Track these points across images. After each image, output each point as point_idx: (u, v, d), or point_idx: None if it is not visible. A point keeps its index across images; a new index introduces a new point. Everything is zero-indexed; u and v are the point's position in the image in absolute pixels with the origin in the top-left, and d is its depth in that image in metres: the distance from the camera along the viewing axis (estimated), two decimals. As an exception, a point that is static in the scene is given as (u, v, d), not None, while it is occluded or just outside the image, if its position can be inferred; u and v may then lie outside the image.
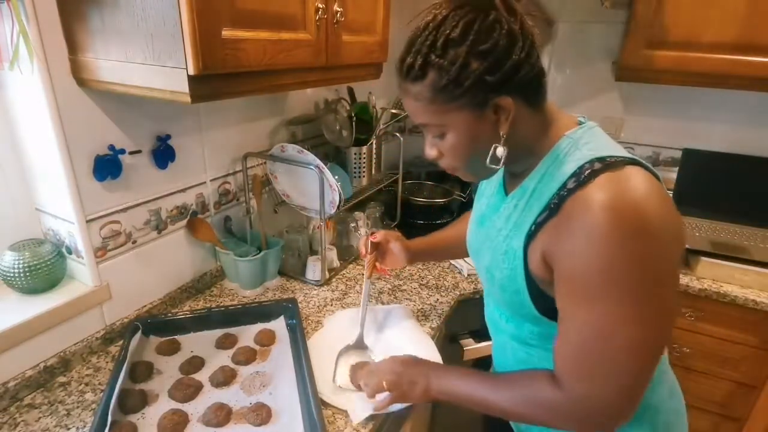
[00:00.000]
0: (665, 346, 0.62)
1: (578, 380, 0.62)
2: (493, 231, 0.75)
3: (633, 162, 0.60)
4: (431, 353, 1.02)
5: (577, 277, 0.59)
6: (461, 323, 1.31)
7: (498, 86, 0.59)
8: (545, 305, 0.67)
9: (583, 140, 0.65)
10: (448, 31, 0.58)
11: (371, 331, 1.08)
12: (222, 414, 0.83)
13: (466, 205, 1.70)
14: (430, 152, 0.70)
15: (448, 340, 1.32)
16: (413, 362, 0.82)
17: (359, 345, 0.98)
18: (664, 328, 0.60)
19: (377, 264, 1.03)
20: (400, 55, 0.64)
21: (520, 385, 0.70)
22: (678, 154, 1.72)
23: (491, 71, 0.58)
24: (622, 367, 0.59)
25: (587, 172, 0.59)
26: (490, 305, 0.85)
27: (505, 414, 0.71)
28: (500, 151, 0.63)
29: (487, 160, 0.64)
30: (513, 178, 0.74)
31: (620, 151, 0.62)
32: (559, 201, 0.61)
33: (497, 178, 0.80)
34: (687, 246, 1.46)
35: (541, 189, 0.66)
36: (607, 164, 0.59)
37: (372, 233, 1.02)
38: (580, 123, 0.69)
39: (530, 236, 0.65)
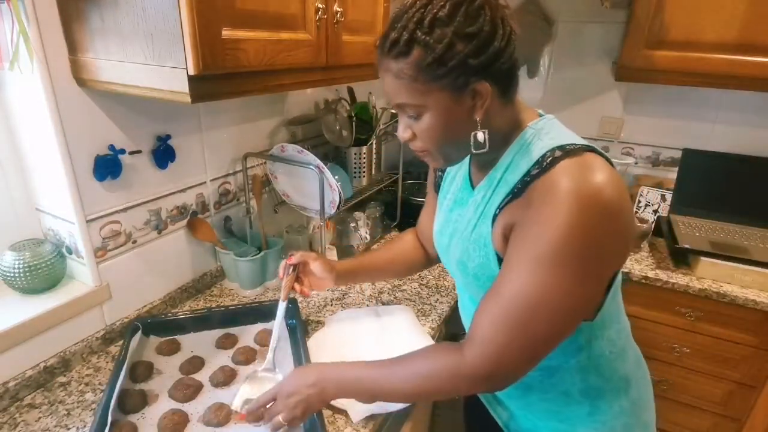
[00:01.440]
0: (577, 324, 0.66)
1: (492, 339, 0.63)
2: (461, 224, 0.77)
3: (590, 149, 0.63)
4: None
5: (530, 240, 0.61)
6: (461, 323, 1.31)
7: (478, 71, 0.60)
8: None
9: (544, 131, 0.68)
10: (435, 10, 0.59)
11: (372, 331, 1.08)
12: (222, 414, 0.83)
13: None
14: (404, 134, 0.70)
15: (448, 340, 1.32)
16: (300, 377, 0.79)
17: (268, 368, 0.92)
18: (589, 304, 0.65)
19: (296, 286, 0.97)
20: (384, 32, 0.64)
21: (420, 358, 0.71)
22: (678, 154, 1.72)
23: (475, 54, 0.59)
24: (539, 332, 0.62)
25: (549, 159, 0.62)
26: (465, 300, 0.86)
27: (405, 392, 0.72)
28: (481, 135, 0.65)
29: (472, 146, 0.66)
30: (479, 170, 0.76)
31: (578, 140, 0.66)
32: (523, 186, 0.64)
33: (462, 175, 0.81)
34: (687, 246, 1.46)
35: (506, 178, 0.69)
36: (567, 151, 0.62)
37: (290, 256, 0.98)
38: (540, 116, 0.72)
39: (494, 219, 0.68)
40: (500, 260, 0.69)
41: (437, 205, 0.89)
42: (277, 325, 0.93)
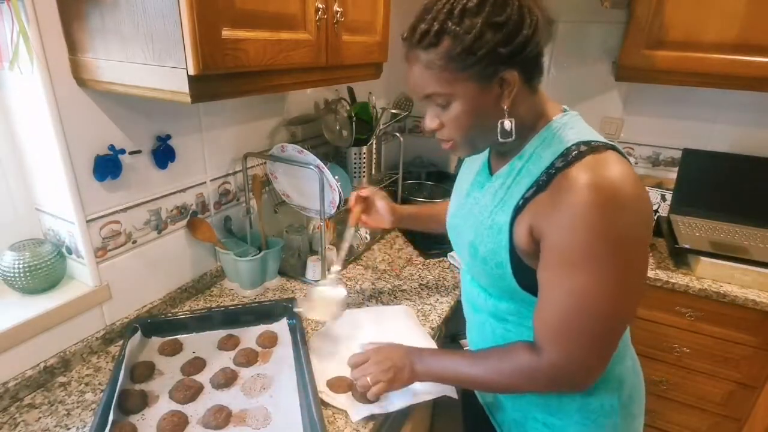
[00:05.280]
0: (634, 314, 0.69)
1: (557, 343, 0.67)
2: (476, 208, 0.79)
3: (612, 147, 0.66)
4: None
5: (563, 247, 0.63)
6: (461, 323, 1.30)
7: (507, 59, 0.62)
8: (525, 278, 0.71)
9: (568, 125, 0.70)
10: (465, 1, 0.61)
11: (372, 332, 1.08)
12: (221, 416, 0.82)
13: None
14: (431, 123, 0.72)
15: (448, 340, 1.32)
16: (396, 349, 0.86)
17: (334, 281, 1.03)
18: (635, 297, 0.67)
19: (363, 217, 1.08)
20: (412, 23, 0.66)
21: (499, 357, 0.75)
22: (678, 154, 1.72)
23: (504, 43, 0.61)
24: (597, 331, 0.65)
25: (574, 153, 0.64)
26: (469, 284, 0.88)
27: (486, 385, 0.78)
28: (507, 124, 0.67)
29: (498, 135, 0.68)
30: (499, 158, 0.78)
31: (602, 138, 0.68)
32: (548, 178, 0.66)
33: (481, 159, 0.83)
34: (687, 246, 1.46)
35: (529, 168, 0.70)
36: (591, 147, 0.64)
37: (361, 187, 1.06)
38: (564, 111, 0.74)
39: (517, 210, 0.69)
40: (513, 252, 0.70)
41: (453, 190, 0.92)
42: (346, 244, 1.04)
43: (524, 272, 0.71)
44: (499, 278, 0.74)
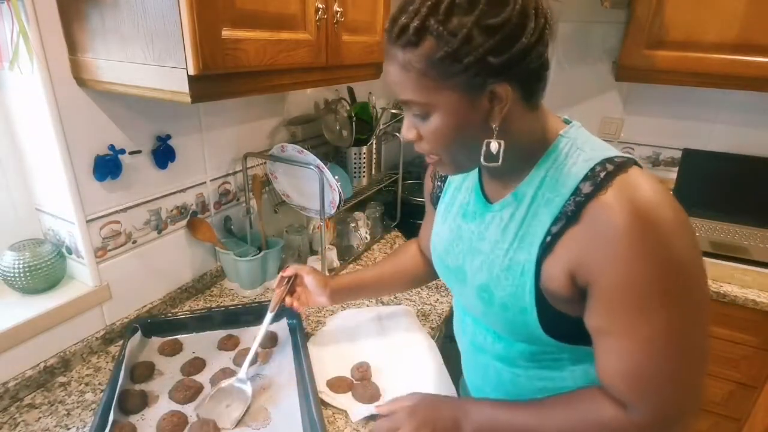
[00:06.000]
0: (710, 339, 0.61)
1: (650, 398, 0.57)
2: (483, 245, 0.67)
3: (634, 162, 0.58)
4: (431, 353, 1.02)
5: (629, 288, 0.54)
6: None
7: (499, 71, 0.52)
8: (553, 323, 0.63)
9: (578, 140, 0.61)
10: None
11: (372, 332, 1.08)
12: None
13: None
14: (408, 134, 0.62)
15: (449, 340, 1.32)
16: (435, 407, 0.71)
17: (242, 379, 0.88)
18: (710, 320, 0.59)
19: (287, 299, 0.94)
20: (393, 14, 0.55)
21: (573, 409, 0.63)
22: (678, 154, 1.72)
23: (496, 51, 0.50)
24: (690, 372, 0.57)
25: (602, 174, 0.55)
26: (471, 324, 0.78)
27: None
28: (494, 146, 0.56)
29: (482, 157, 0.58)
30: (495, 182, 0.68)
31: (617, 151, 0.60)
32: (577, 207, 0.56)
33: (470, 186, 0.73)
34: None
35: (545, 195, 0.60)
36: (618, 165, 0.56)
37: (285, 267, 0.97)
38: (566, 121, 0.65)
39: (546, 248, 0.59)
40: (539, 293, 0.61)
41: (436, 218, 0.81)
42: (260, 335, 0.91)
43: (550, 316, 0.62)
44: (521, 325, 0.64)
